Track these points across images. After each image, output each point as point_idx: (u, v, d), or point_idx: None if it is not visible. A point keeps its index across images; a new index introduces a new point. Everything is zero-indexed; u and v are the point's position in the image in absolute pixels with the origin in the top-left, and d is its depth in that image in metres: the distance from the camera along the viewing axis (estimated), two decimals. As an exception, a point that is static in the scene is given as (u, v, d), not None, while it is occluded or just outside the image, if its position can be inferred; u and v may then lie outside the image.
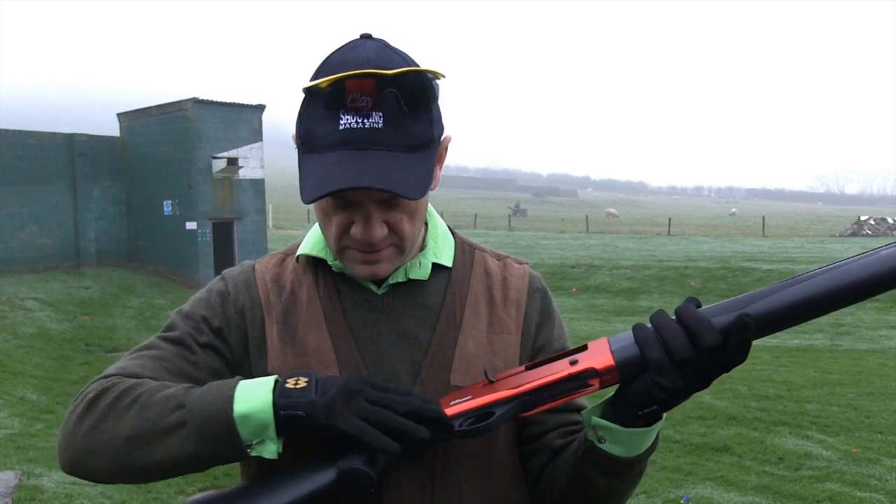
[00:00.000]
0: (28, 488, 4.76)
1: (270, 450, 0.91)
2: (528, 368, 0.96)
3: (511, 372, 0.97)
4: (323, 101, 0.93)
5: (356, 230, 0.98)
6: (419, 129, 0.95)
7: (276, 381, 0.92)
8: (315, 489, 0.92)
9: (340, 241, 1.01)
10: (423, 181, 0.95)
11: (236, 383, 0.93)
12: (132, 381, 0.97)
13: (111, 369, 1.01)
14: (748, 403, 6.89)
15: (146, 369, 1.00)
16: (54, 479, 4.94)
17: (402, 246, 1.02)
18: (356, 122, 0.92)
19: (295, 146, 1.02)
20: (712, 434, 6.01)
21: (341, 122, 0.92)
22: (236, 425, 0.90)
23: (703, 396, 7.01)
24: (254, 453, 0.91)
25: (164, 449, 0.92)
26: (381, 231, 0.98)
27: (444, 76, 0.97)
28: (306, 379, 0.92)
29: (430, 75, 0.96)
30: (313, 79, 0.97)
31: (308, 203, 0.95)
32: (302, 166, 0.97)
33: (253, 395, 0.91)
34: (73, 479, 4.94)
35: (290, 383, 0.92)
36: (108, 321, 12.43)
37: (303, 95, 0.98)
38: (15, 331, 10.89)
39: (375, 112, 0.92)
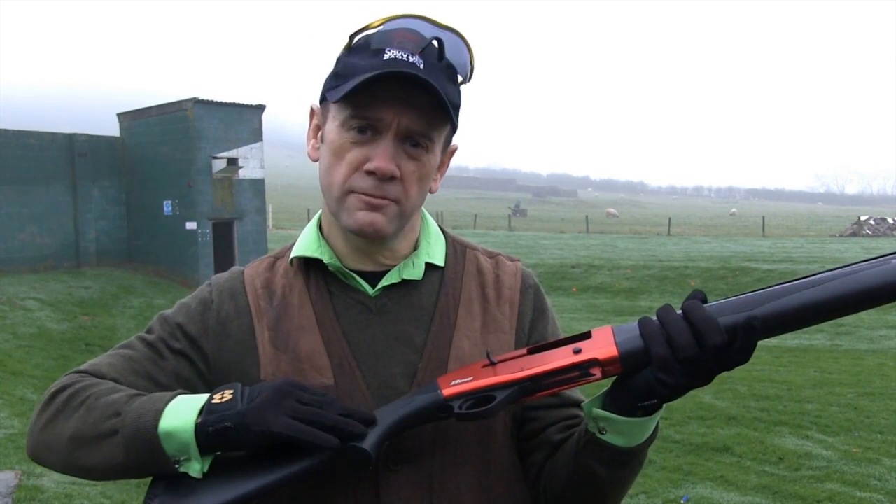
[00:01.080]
0: (28, 488, 4.76)
1: (194, 468, 0.91)
2: (530, 352, 0.96)
3: (513, 354, 0.97)
4: (369, 42, 0.97)
5: (371, 163, 0.98)
6: (451, 90, 0.99)
7: (208, 399, 0.92)
8: (311, 465, 0.91)
9: (346, 183, 1.00)
10: (456, 119, 1.00)
11: (172, 398, 0.93)
12: (90, 380, 0.99)
13: (84, 365, 1.04)
14: (748, 403, 6.89)
15: (114, 368, 1.02)
16: (54, 479, 4.94)
17: (404, 206, 1.01)
18: (401, 55, 0.95)
19: (312, 113, 1.07)
20: (712, 434, 6.01)
21: (386, 55, 0.95)
22: (161, 441, 0.90)
23: (703, 396, 7.00)
24: (181, 469, 0.91)
25: (98, 454, 0.93)
26: (394, 167, 0.98)
27: (474, 60, 1.04)
28: (231, 391, 0.92)
29: (468, 49, 1.02)
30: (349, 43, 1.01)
31: (347, 95, 0.95)
32: (334, 86, 0.99)
33: (179, 413, 0.90)
34: (73, 479, 4.94)
35: (217, 398, 0.91)
36: (108, 321, 12.43)
37: (342, 52, 1.01)
38: (15, 331, 10.89)
39: (418, 56, 0.96)
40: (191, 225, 15.80)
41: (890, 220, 34.77)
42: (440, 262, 1.10)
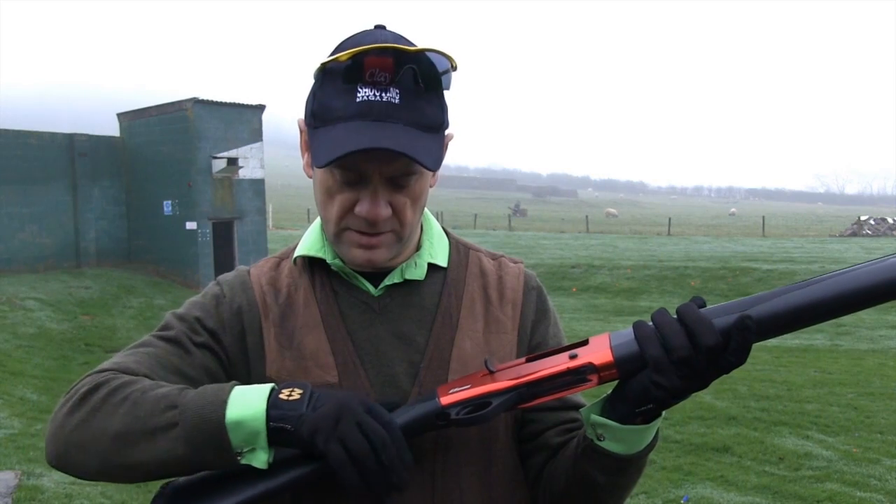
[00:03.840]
0: (28, 488, 4.77)
1: (260, 459, 0.89)
2: (528, 360, 0.96)
3: (511, 363, 0.97)
4: (341, 76, 0.94)
5: (361, 208, 0.97)
6: (432, 111, 0.97)
7: (272, 390, 0.91)
8: (315, 471, 0.91)
9: (341, 222, 1.00)
10: (438, 158, 0.97)
11: (231, 388, 0.91)
12: (126, 377, 0.95)
13: (106, 364, 0.99)
14: (748, 403, 6.89)
15: (142, 365, 0.99)
16: (54, 479, 4.94)
17: (401, 233, 1.02)
18: (374, 95, 0.93)
19: (300, 129, 1.04)
20: (712, 434, 6.01)
21: (359, 94, 0.93)
22: (227, 431, 0.87)
23: (703, 396, 7.00)
24: (243, 461, 0.89)
25: (152, 449, 0.90)
26: (385, 210, 0.98)
27: (457, 65, 0.99)
28: (301, 391, 0.90)
29: (446, 59, 0.97)
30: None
31: (323, 166, 0.93)
32: (314, 138, 0.97)
33: (247, 402, 0.89)
34: (73, 479, 4.94)
35: (284, 394, 0.89)
36: (108, 321, 12.43)
37: (315, 78, 0.99)
38: (15, 331, 10.89)
39: (393, 88, 0.93)
40: (191, 225, 15.79)
41: (890, 220, 34.76)
42: (443, 262, 1.11)
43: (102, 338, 11.29)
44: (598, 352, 0.91)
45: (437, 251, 1.11)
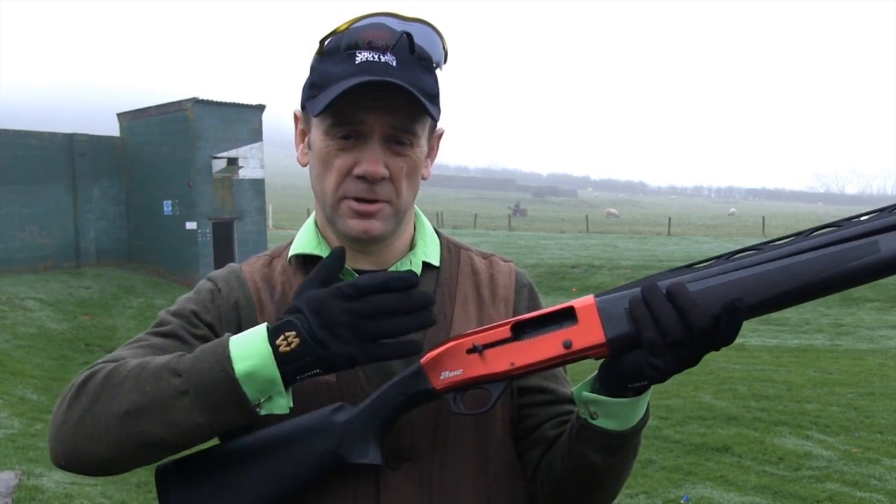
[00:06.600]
0: (28, 488, 4.77)
1: (281, 405, 0.90)
2: (513, 329, 0.94)
3: (496, 336, 0.94)
4: (340, 46, 0.98)
5: (360, 168, 0.98)
6: (428, 80, 1.00)
7: (268, 330, 0.89)
8: (316, 474, 0.94)
9: (338, 190, 1.01)
10: (436, 115, 1.01)
11: (227, 342, 0.90)
12: (119, 362, 0.94)
13: (99, 361, 0.98)
14: (748, 403, 6.89)
15: (138, 356, 0.96)
16: (54, 479, 4.95)
17: (397, 205, 1.02)
18: (372, 56, 0.96)
19: (296, 119, 1.08)
20: (712, 434, 6.01)
21: (358, 57, 0.97)
22: (241, 386, 0.87)
23: (704, 396, 7.01)
24: (263, 412, 0.90)
25: (168, 421, 0.88)
26: (383, 169, 0.99)
27: (447, 47, 1.04)
28: (295, 334, 0.88)
29: (438, 36, 1.01)
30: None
31: (325, 108, 0.95)
32: (314, 104, 0.99)
33: (250, 351, 0.88)
34: (73, 478, 4.94)
35: (282, 345, 0.88)
36: (108, 321, 12.44)
37: (313, 60, 1.02)
38: (15, 331, 10.90)
39: (390, 53, 0.97)
40: (191, 225, 15.81)
41: (890, 220, 34.74)
42: (436, 261, 1.12)
43: (102, 338, 11.30)
44: (590, 334, 0.91)
45: (430, 250, 1.12)
